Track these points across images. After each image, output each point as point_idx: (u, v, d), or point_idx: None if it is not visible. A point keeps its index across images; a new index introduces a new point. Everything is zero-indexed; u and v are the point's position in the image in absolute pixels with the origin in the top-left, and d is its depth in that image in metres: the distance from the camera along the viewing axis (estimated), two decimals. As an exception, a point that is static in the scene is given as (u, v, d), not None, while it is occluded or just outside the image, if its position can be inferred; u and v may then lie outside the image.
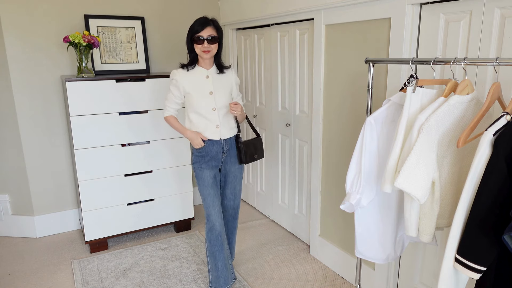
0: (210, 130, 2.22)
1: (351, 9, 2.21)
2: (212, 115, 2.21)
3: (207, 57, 2.16)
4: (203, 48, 2.13)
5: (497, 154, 1.14)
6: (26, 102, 2.99)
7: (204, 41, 2.11)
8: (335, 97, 2.45)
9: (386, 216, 1.70)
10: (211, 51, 2.15)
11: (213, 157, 2.25)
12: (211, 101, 2.21)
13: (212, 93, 2.21)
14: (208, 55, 2.15)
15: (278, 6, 2.79)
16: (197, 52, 2.16)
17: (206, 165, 2.25)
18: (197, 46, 2.14)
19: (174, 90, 2.22)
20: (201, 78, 2.21)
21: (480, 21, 1.65)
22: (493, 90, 1.29)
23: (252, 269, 2.69)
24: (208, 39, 2.12)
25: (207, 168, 2.25)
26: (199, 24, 2.11)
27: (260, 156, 2.43)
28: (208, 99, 2.20)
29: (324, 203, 2.68)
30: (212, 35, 2.13)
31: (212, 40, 2.13)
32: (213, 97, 2.21)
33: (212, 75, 2.23)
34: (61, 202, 3.24)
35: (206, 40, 2.11)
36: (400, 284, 2.21)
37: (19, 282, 2.56)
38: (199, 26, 2.11)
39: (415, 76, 1.46)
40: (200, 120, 2.21)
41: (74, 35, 2.65)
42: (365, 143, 1.60)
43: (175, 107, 2.27)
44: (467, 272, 1.20)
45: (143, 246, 3.00)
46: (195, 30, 2.12)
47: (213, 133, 2.23)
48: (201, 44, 2.12)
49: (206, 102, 2.20)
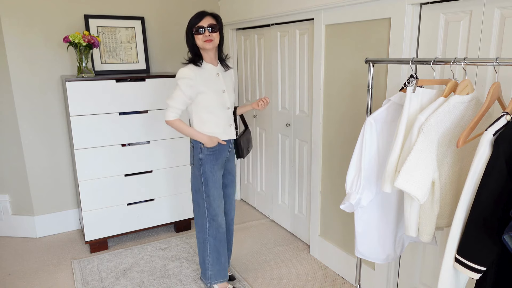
0: (225, 130, 2.18)
1: (351, 9, 2.21)
2: (226, 114, 2.18)
3: (210, 47, 2.06)
4: (204, 38, 2.04)
5: (497, 154, 1.14)
6: (26, 102, 2.99)
7: (205, 30, 2.04)
8: (335, 97, 2.45)
9: (386, 216, 1.70)
10: (213, 40, 2.06)
11: (223, 156, 2.22)
12: (224, 99, 2.16)
13: (224, 91, 2.16)
14: (211, 45, 2.06)
15: (278, 6, 2.79)
16: (199, 44, 2.07)
17: (218, 167, 2.20)
18: (198, 37, 2.05)
19: (187, 90, 2.06)
20: (213, 76, 2.14)
21: (480, 21, 1.65)
22: (493, 90, 1.29)
23: (252, 269, 2.69)
24: (209, 28, 2.05)
25: (218, 170, 2.21)
26: (197, 16, 2.06)
27: (251, 147, 2.42)
28: (221, 98, 2.14)
29: (324, 203, 2.68)
30: (212, 23, 2.06)
31: (213, 28, 2.06)
32: (226, 95, 2.17)
33: (221, 72, 2.18)
34: (61, 202, 3.24)
35: (207, 29, 2.04)
36: (400, 284, 2.21)
37: (19, 282, 2.56)
38: (198, 18, 2.05)
39: (415, 76, 1.46)
40: (215, 120, 2.14)
41: (74, 35, 2.65)
42: (365, 143, 1.60)
43: (183, 108, 2.11)
44: (467, 272, 1.20)
45: (143, 246, 3.00)
46: (194, 22, 2.05)
47: (229, 133, 2.20)
48: (202, 34, 2.04)
49: (220, 101, 2.14)
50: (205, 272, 2.34)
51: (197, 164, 2.18)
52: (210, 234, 2.26)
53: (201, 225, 2.27)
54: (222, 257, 2.31)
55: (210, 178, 2.18)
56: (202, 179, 2.18)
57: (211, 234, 2.26)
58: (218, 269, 2.31)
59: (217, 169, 2.20)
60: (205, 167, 2.17)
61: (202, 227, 2.27)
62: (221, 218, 2.25)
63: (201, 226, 2.27)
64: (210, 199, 2.20)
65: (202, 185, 2.19)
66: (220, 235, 2.27)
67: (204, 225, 2.26)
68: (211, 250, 2.28)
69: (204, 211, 2.24)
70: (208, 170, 2.17)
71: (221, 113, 2.15)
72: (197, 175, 2.20)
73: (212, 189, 2.19)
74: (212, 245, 2.27)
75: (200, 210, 2.25)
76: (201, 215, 2.25)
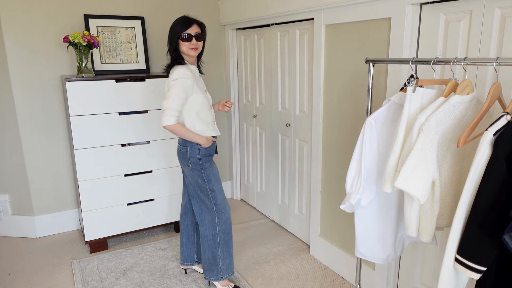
0: (214, 128, 2.27)
1: (351, 9, 2.21)
2: (211, 112, 2.28)
3: (195, 54, 2.17)
4: (191, 45, 2.13)
5: (497, 154, 1.14)
6: (26, 102, 2.99)
7: (193, 38, 2.13)
8: (335, 97, 2.45)
9: (386, 216, 1.70)
10: (198, 48, 2.16)
11: (213, 152, 2.31)
12: (209, 98, 2.28)
13: (206, 91, 2.28)
14: (196, 53, 2.17)
15: (278, 6, 2.79)
16: (184, 50, 2.15)
17: (213, 163, 2.30)
18: (184, 44, 2.13)
19: (184, 90, 2.08)
20: (197, 76, 2.24)
21: (480, 21, 1.65)
22: (493, 90, 1.29)
23: (252, 269, 2.69)
24: (196, 36, 2.14)
25: (214, 165, 2.31)
26: (184, 23, 2.13)
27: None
28: (206, 97, 2.25)
29: (324, 203, 2.68)
30: (199, 32, 2.16)
31: (199, 37, 2.16)
32: (208, 95, 2.28)
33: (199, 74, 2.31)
34: (61, 202, 3.24)
35: (194, 37, 2.14)
36: (400, 284, 2.21)
37: (19, 282, 2.56)
38: (185, 25, 2.12)
39: (415, 76, 1.46)
40: (205, 119, 2.23)
41: (74, 35, 2.65)
42: (365, 143, 1.60)
43: (180, 110, 2.10)
44: (467, 272, 1.20)
45: (143, 246, 3.00)
46: (182, 28, 2.12)
47: (215, 129, 2.28)
48: (189, 42, 2.13)
49: (206, 100, 2.24)
50: (216, 267, 2.35)
51: (197, 164, 2.23)
52: (220, 229, 2.31)
53: (209, 221, 2.31)
54: (231, 249, 2.38)
55: (211, 174, 2.26)
56: (204, 177, 2.25)
57: (221, 228, 2.32)
58: (229, 262, 2.37)
59: (214, 165, 2.31)
60: (205, 165, 2.24)
61: (211, 223, 2.31)
62: (228, 208, 2.34)
63: (210, 223, 2.31)
64: (216, 193, 2.28)
65: (205, 182, 2.26)
66: (227, 227, 2.34)
67: (213, 220, 2.30)
68: (221, 245, 2.33)
69: (212, 207, 2.29)
70: (208, 167, 2.26)
71: (208, 111, 2.25)
72: (198, 175, 2.24)
73: (215, 184, 2.28)
74: (222, 239, 2.33)
75: (207, 208, 2.30)
76: (208, 212, 2.30)
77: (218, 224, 2.31)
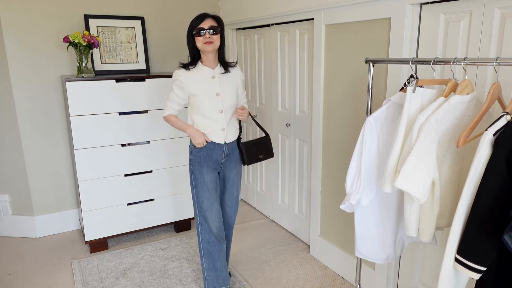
0: (215, 133, 2.14)
1: (351, 9, 2.21)
2: (219, 117, 2.13)
3: (210, 49, 2.05)
4: (204, 39, 2.03)
5: (497, 154, 1.14)
6: (26, 102, 2.99)
7: (206, 32, 2.02)
8: (335, 97, 2.45)
9: (386, 216, 1.70)
10: (213, 42, 2.04)
11: (215, 160, 2.18)
12: (218, 103, 2.12)
13: (219, 94, 2.12)
14: (211, 47, 2.05)
15: (278, 6, 2.79)
16: (199, 46, 2.07)
17: (207, 169, 2.17)
18: (199, 39, 2.05)
19: (178, 92, 2.12)
20: (207, 79, 2.12)
21: (480, 21, 1.65)
22: (493, 90, 1.29)
23: (252, 269, 2.69)
24: (210, 30, 2.04)
25: (207, 172, 2.17)
26: (198, 18, 2.05)
27: (267, 156, 2.32)
28: (215, 101, 2.11)
29: (324, 203, 2.68)
30: (213, 25, 2.05)
31: (214, 30, 2.04)
32: (220, 99, 2.12)
33: (218, 75, 2.14)
34: (61, 202, 3.24)
35: (207, 31, 2.03)
36: (400, 284, 2.21)
37: (19, 282, 2.56)
38: (199, 19, 2.05)
39: (415, 76, 1.46)
40: (205, 123, 2.13)
41: (74, 35, 2.65)
42: (365, 143, 1.60)
43: (177, 107, 2.17)
44: (467, 272, 1.20)
45: (143, 246, 3.00)
46: (195, 23, 2.05)
47: (219, 136, 2.15)
48: (203, 36, 2.03)
49: (213, 104, 2.11)
50: (203, 276, 2.29)
51: (189, 165, 2.22)
52: (203, 237, 2.22)
53: (196, 226, 2.26)
54: (218, 263, 2.24)
55: (199, 180, 2.17)
56: (192, 179, 2.20)
57: (204, 237, 2.22)
58: (214, 275, 2.25)
59: (206, 172, 2.17)
60: (194, 167, 2.18)
61: (197, 229, 2.26)
62: (211, 222, 2.19)
63: (196, 228, 2.26)
64: (199, 201, 2.19)
65: (193, 185, 2.21)
66: (212, 238, 2.21)
67: (197, 226, 2.24)
68: (205, 255, 2.24)
69: (196, 212, 2.23)
70: (196, 171, 2.17)
71: (214, 116, 2.13)
72: (189, 176, 2.23)
73: (200, 191, 2.17)
74: (205, 249, 2.23)
75: (195, 211, 2.25)
76: (196, 216, 2.25)
77: (200, 231, 2.22)
